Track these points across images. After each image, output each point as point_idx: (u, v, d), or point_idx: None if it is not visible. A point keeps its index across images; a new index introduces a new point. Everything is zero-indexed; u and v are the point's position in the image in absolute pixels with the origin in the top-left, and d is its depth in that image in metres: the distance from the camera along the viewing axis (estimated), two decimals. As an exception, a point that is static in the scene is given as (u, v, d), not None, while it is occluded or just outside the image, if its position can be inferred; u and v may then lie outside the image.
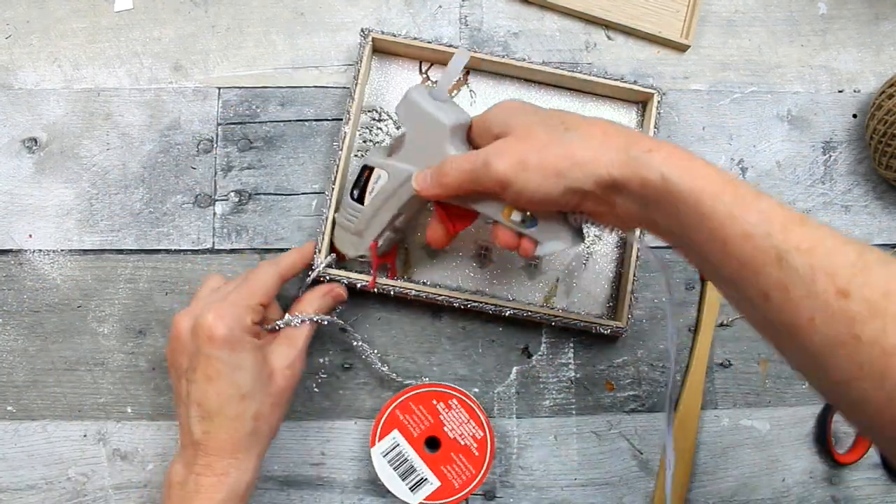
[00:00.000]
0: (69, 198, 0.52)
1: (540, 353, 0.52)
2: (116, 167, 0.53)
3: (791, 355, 0.32)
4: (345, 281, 0.49)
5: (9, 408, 0.50)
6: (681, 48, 0.56)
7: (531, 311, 0.50)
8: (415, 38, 0.51)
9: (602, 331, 0.50)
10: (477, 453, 0.48)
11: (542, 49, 0.55)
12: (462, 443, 0.48)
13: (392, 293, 0.49)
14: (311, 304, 0.46)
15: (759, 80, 0.56)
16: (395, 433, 0.48)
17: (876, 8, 0.58)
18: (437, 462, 0.48)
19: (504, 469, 0.51)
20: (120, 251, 0.52)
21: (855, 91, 0.57)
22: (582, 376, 0.52)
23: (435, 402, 0.49)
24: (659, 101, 0.52)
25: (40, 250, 0.51)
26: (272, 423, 0.43)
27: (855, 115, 0.57)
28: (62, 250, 0.51)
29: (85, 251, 0.52)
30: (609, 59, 0.56)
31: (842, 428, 0.54)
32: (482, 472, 0.48)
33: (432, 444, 0.49)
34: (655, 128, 0.52)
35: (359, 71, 0.50)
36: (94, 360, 0.51)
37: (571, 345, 0.53)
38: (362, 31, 0.51)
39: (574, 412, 0.52)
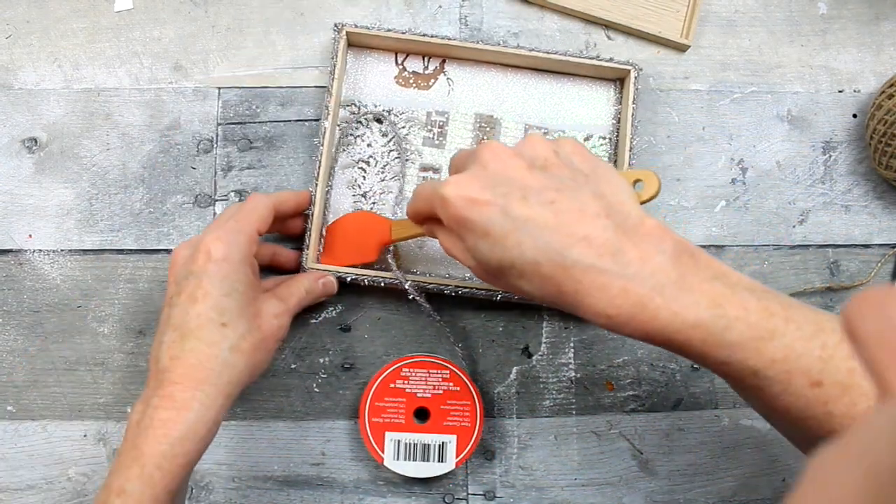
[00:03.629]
0: (69, 198, 0.52)
1: (540, 353, 0.52)
2: (116, 167, 0.53)
3: (762, 414, 0.35)
4: (345, 276, 0.49)
5: (9, 408, 0.50)
6: (681, 48, 0.56)
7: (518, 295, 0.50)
8: (389, 30, 0.51)
9: None
10: (458, 388, 0.49)
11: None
12: (439, 392, 0.49)
13: (383, 284, 0.49)
14: (302, 284, 0.45)
15: (759, 80, 0.56)
16: (388, 434, 0.48)
17: (876, 8, 0.58)
18: (437, 423, 0.49)
19: (504, 469, 0.51)
20: (120, 251, 0.52)
21: (855, 91, 0.57)
22: (582, 376, 0.52)
23: (392, 384, 0.49)
24: (636, 77, 0.52)
25: (40, 250, 0.51)
26: (249, 365, 0.39)
27: (855, 115, 0.57)
28: (62, 250, 0.52)
29: (85, 251, 0.52)
30: (609, 59, 0.56)
31: (842, 428, 0.54)
32: (475, 398, 0.49)
33: (421, 414, 0.49)
34: (634, 104, 0.52)
35: (335, 66, 0.51)
36: (94, 360, 0.51)
37: (572, 345, 0.53)
38: (335, 25, 0.51)
39: (574, 412, 0.52)
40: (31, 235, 0.52)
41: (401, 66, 0.54)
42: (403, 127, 0.53)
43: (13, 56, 0.53)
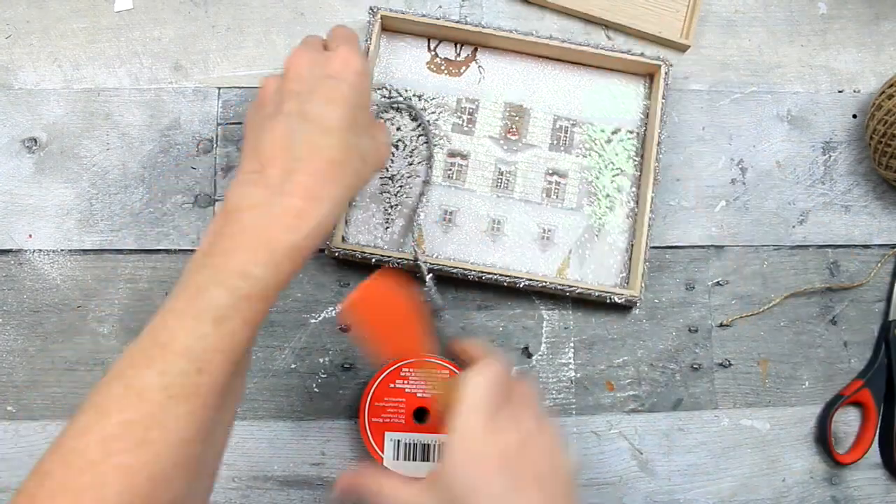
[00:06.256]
0: (69, 198, 0.52)
1: (540, 353, 0.52)
2: (116, 167, 0.53)
3: None
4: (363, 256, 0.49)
5: (9, 408, 0.50)
6: (681, 48, 0.56)
7: (545, 283, 0.50)
8: (423, 15, 0.52)
9: (616, 300, 0.50)
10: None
11: (542, 49, 0.56)
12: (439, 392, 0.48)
13: (403, 265, 0.49)
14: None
15: (759, 80, 0.56)
16: (388, 434, 0.48)
17: (876, 8, 0.58)
18: (437, 423, 0.48)
19: (504, 469, 0.51)
20: (120, 251, 0.52)
21: (855, 91, 0.57)
22: (582, 376, 0.52)
23: (392, 385, 0.49)
24: (667, 73, 0.52)
25: (40, 250, 0.51)
26: (365, 180, 0.39)
27: (855, 115, 0.57)
28: (62, 250, 0.51)
29: (85, 251, 0.52)
30: (609, 59, 0.56)
31: (842, 428, 0.54)
32: None
33: (421, 414, 0.49)
34: (663, 99, 0.52)
35: (368, 48, 0.51)
36: (94, 360, 0.51)
37: (572, 345, 0.53)
38: (371, 9, 0.51)
39: (574, 412, 0.52)
40: (31, 235, 0.52)
41: (433, 52, 0.54)
42: (433, 112, 0.53)
43: (13, 56, 0.53)
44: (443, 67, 0.54)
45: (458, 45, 0.54)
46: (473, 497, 0.35)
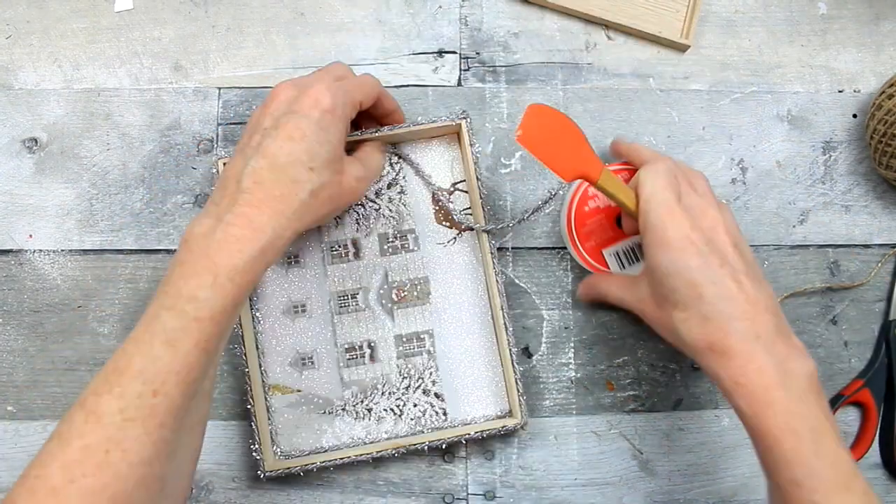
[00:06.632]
0: (69, 198, 0.52)
1: (540, 353, 0.52)
2: (116, 167, 0.53)
3: None
4: None
5: (9, 408, 0.50)
6: (681, 48, 0.56)
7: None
8: (476, 163, 0.50)
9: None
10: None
11: (543, 49, 0.55)
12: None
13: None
14: (381, 158, 0.49)
15: (759, 80, 0.56)
16: (606, 252, 0.50)
17: (876, 8, 0.58)
18: (630, 226, 0.49)
19: (504, 469, 0.51)
20: (120, 251, 0.52)
21: (855, 91, 0.57)
22: (582, 376, 0.52)
23: (586, 207, 0.50)
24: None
25: (40, 250, 0.51)
26: (320, 212, 0.41)
27: (855, 115, 0.57)
28: (62, 250, 0.52)
29: (85, 251, 0.52)
30: (609, 59, 0.56)
31: (842, 428, 0.54)
32: None
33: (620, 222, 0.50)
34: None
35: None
36: (94, 360, 0.51)
37: (572, 345, 0.53)
38: (463, 112, 0.50)
39: (574, 412, 0.52)
40: (31, 235, 0.52)
41: (452, 188, 0.52)
42: (401, 201, 0.52)
43: (13, 56, 0.54)
44: (441, 207, 0.52)
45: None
46: (676, 276, 0.40)
